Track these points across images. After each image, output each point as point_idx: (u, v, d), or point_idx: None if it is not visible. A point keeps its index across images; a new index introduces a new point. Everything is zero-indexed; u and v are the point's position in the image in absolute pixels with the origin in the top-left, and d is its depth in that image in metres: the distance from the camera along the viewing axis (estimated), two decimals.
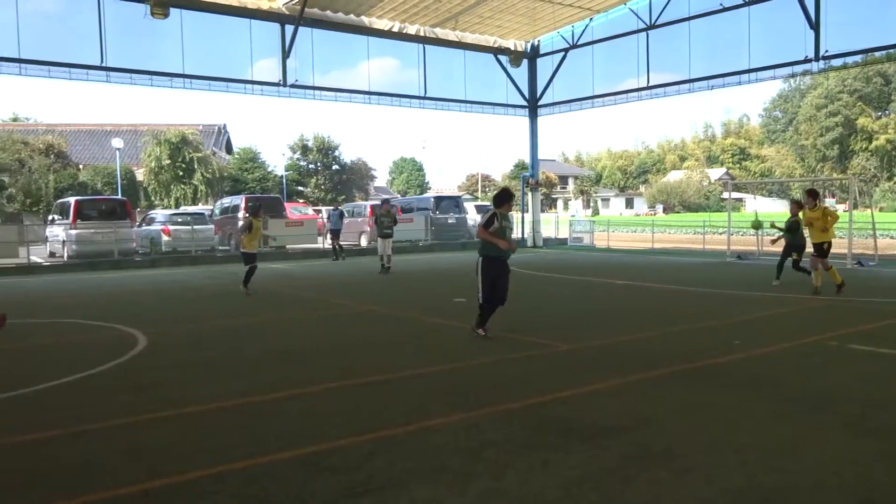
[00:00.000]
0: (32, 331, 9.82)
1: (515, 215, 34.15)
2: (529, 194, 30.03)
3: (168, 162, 42.91)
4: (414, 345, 8.39)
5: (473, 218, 28.93)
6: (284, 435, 4.97)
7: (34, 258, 20.98)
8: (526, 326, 9.30)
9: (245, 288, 13.43)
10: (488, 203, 45.91)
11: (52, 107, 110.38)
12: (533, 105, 29.33)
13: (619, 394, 5.95)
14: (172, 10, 20.67)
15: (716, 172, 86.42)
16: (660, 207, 79.01)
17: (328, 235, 23.61)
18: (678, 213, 71.20)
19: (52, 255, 22.89)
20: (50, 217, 24.78)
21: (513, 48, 28.12)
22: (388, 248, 17.71)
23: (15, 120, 56.04)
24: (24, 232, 22.45)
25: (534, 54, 28.88)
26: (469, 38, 26.95)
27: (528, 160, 32.10)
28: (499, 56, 28.07)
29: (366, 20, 24.57)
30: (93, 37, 20.26)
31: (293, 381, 6.53)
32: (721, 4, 21.92)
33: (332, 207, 23.62)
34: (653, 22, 24.00)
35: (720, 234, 29.64)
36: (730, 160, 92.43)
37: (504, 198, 8.56)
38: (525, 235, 29.47)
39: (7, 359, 8.03)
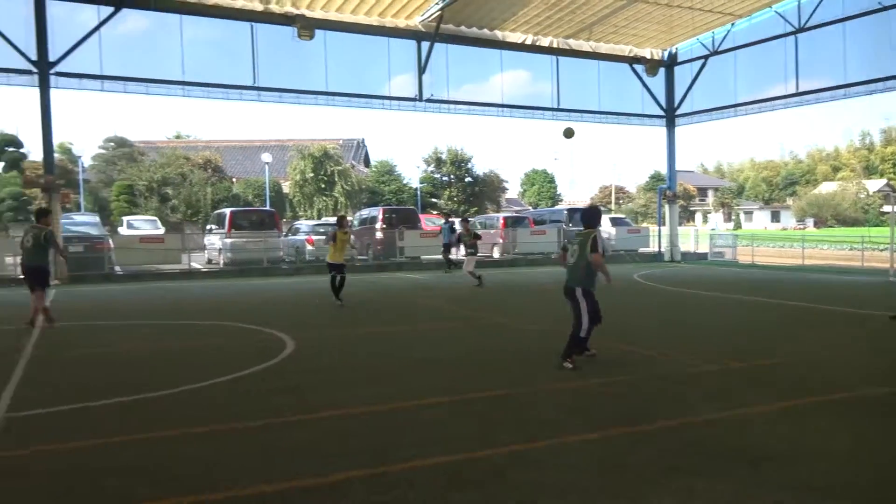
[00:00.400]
0: (193, 332, 10.68)
1: (652, 228, 33.16)
2: (667, 207, 29.04)
3: (311, 175, 45.24)
4: (545, 358, 8.34)
5: (608, 231, 28.36)
6: (423, 442, 5.10)
7: (194, 264, 22.76)
8: (666, 344, 9.01)
9: (338, 300, 13.48)
10: (623, 215, 44.80)
11: (209, 125, 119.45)
12: (670, 115, 28.38)
13: (771, 419, 5.63)
14: (317, 32, 21.84)
15: (874, 184, 79.67)
16: (810, 221, 73.87)
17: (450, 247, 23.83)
18: (831, 227, 66.20)
19: (209, 261, 24.74)
20: (208, 227, 26.81)
21: (649, 57, 27.37)
22: (470, 266, 18.00)
23: (178, 137, 61.17)
24: (185, 240, 24.48)
25: (671, 62, 27.96)
26: (603, 48, 26.53)
27: (664, 171, 31.05)
28: (634, 65, 27.43)
29: (499, 34, 24.82)
30: (246, 59, 21.80)
31: (432, 390, 6.68)
32: (880, 3, 20.26)
33: (442, 221, 23.83)
34: (802, 25, 22.56)
35: (881, 250, 27.27)
36: (891, 170, 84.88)
37: (589, 216, 7.88)
38: (662, 249, 28.51)
39: (170, 357, 8.77)
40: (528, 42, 25.35)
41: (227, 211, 24.42)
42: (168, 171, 43.53)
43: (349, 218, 36.27)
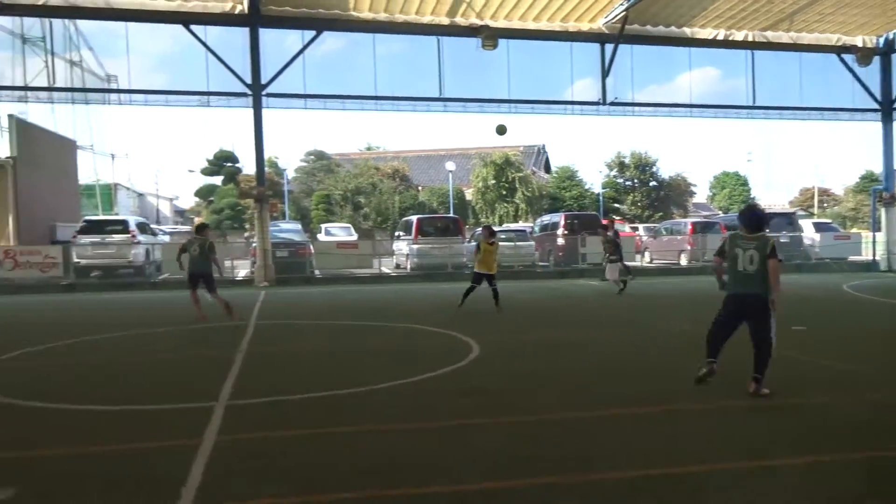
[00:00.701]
0: (385, 333, 11.27)
1: (864, 234, 29.97)
2: (882, 210, 26.10)
3: (493, 182, 46.06)
4: (741, 373, 7.83)
5: (811, 237, 26.09)
6: (613, 454, 5.00)
7: (384, 269, 24.03)
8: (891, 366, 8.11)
9: (461, 304, 13.54)
10: (829, 220, 40.91)
11: (397, 136, 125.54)
12: (887, 107, 25.51)
13: None
14: (500, 41, 22.20)
15: None
16: None
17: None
18: None
19: (397, 266, 25.99)
20: (396, 233, 28.18)
21: (860, 45, 24.80)
22: (610, 273, 17.40)
23: (369, 149, 64.94)
24: (376, 246, 25.92)
25: (887, 49, 25.14)
26: (806, 38, 24.45)
27: (879, 171, 27.95)
28: (842, 55, 24.99)
29: (688, 31, 23.74)
30: (432, 72, 22.69)
31: (619, 400, 6.54)
32: None
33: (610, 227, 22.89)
34: None
35: None
36: None
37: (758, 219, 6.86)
38: (877, 258, 25.69)
39: (362, 356, 9.32)
40: (720, 37, 24.00)
41: (414, 218, 25.50)
42: (360, 181, 46.39)
43: (523, 224, 36.45)
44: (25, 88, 23.43)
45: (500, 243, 24.89)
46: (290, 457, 5.04)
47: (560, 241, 25.54)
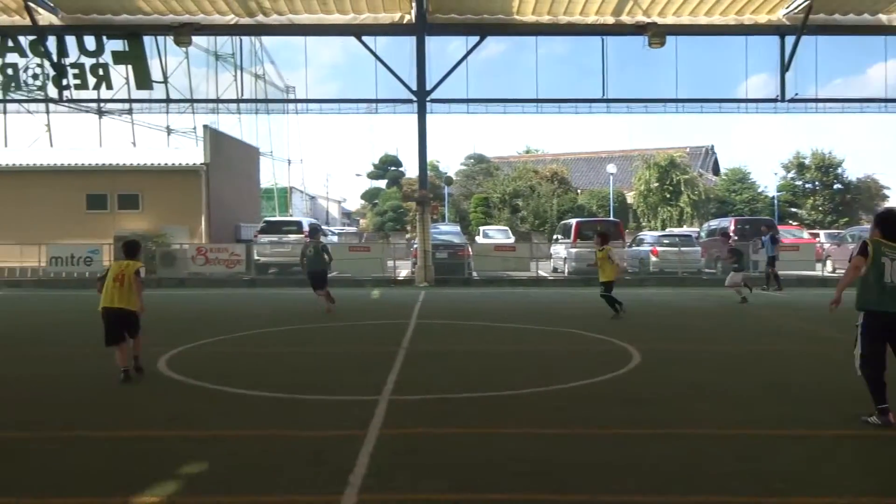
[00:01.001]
0: (542, 336, 11.20)
1: None
2: None
3: (656, 185, 44.39)
4: None
5: None
6: (791, 476, 4.65)
7: (541, 272, 23.92)
8: None
9: (617, 312, 13.25)
10: None
11: (556, 138, 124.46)
12: None
13: None
14: (668, 38, 21.36)
15: None
16: None
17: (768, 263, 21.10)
18: None
19: (554, 269, 25.77)
20: (554, 236, 27.97)
21: None
22: (731, 281, 16.62)
23: (528, 152, 64.96)
24: (533, 249, 25.87)
25: None
26: None
27: None
28: None
29: (883, 18, 21.55)
30: (595, 72, 22.28)
31: (792, 420, 6.06)
32: None
33: (764, 231, 21.00)
34: None
35: None
36: None
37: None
38: None
39: (519, 359, 9.31)
40: None
41: (573, 221, 25.18)
42: (519, 184, 46.49)
43: (689, 228, 34.72)
44: (217, 101, 25.82)
45: (664, 248, 24.10)
46: (449, 454, 5.15)
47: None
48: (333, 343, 10.79)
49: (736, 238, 20.49)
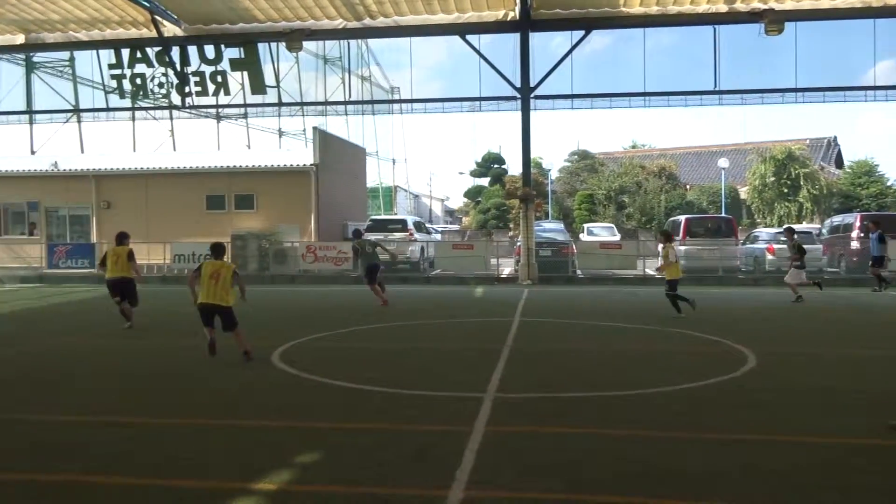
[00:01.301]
0: (653, 336, 10.87)
1: None
2: None
3: (772, 179, 42.14)
4: None
5: None
6: None
7: (648, 270, 23.24)
8: None
9: (688, 309, 12.90)
10: None
11: (663, 132, 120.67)
12: None
13: None
14: (787, 25, 20.20)
15: None
16: None
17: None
18: None
19: None
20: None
21: None
22: (793, 278, 15.92)
23: (633, 147, 63.25)
24: (639, 247, 25.17)
25: None
26: None
27: None
28: None
29: None
30: (707, 63, 21.37)
31: None
32: None
33: (872, 229, 19.23)
34: None
35: None
36: None
37: None
38: None
39: (625, 359, 9.06)
40: None
41: (682, 218, 24.32)
42: (625, 181, 45.36)
43: (809, 225, 32.71)
44: (326, 103, 26.70)
45: (782, 245, 22.81)
46: (556, 453, 5.08)
47: (854, 244, 22.54)
48: (437, 340, 10.90)
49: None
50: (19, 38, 23.67)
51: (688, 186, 47.26)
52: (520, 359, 8.87)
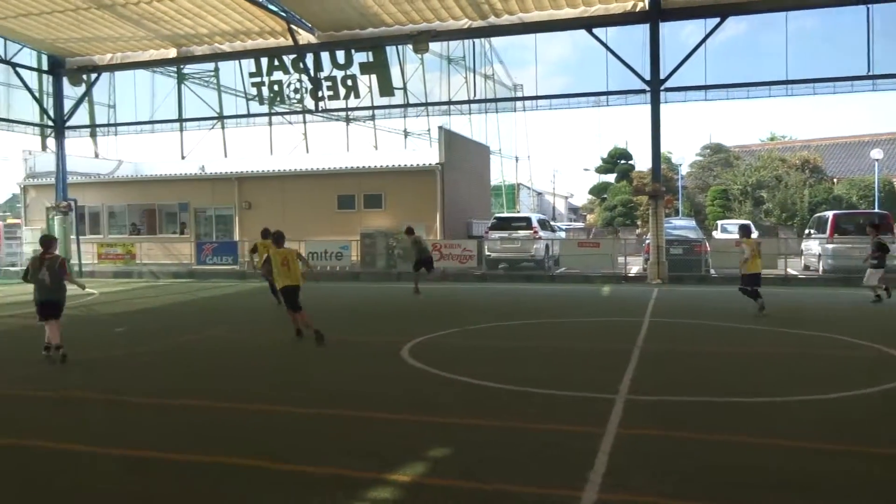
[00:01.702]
0: (792, 339, 10.20)
1: None
2: None
3: None
4: None
5: None
6: None
7: (790, 270, 21.84)
8: None
9: (760, 309, 12.59)
10: None
11: (806, 123, 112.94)
12: None
13: None
14: None
15: None
16: None
17: None
18: None
19: (805, 267, 23.37)
20: (805, 231, 25.36)
21: None
22: (871, 279, 15.10)
23: (772, 139, 59.61)
24: (780, 245, 23.68)
25: None
26: None
27: None
28: None
29: None
30: (858, 46, 19.73)
31: None
32: None
33: None
34: None
35: None
36: None
37: None
38: None
39: (763, 363, 8.53)
40: None
41: (830, 214, 22.59)
42: (763, 174, 42.83)
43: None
44: (450, 103, 26.99)
45: None
46: (690, 459, 4.89)
47: None
48: (564, 339, 10.75)
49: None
50: (172, 52, 25.59)
51: (835, 180, 43.93)
52: (652, 360, 8.60)
